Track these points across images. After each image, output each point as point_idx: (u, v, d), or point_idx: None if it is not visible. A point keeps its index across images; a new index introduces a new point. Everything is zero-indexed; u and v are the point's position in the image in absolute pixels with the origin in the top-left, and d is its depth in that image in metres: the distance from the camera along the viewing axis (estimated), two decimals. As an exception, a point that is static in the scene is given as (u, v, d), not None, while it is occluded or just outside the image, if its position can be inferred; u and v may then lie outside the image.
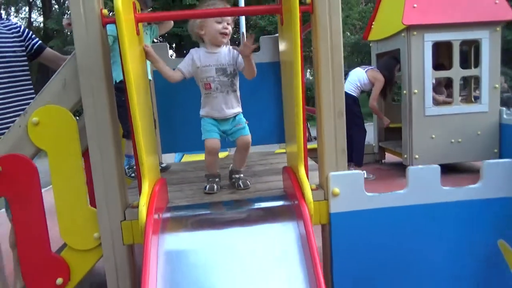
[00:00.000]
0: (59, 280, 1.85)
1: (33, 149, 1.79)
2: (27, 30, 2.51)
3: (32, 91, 2.45)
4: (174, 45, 15.65)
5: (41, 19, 22.08)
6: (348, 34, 15.10)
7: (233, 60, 1.91)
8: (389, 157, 4.77)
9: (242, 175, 2.04)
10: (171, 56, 2.81)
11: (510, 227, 1.93)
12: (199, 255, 1.55)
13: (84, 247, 1.84)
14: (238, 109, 2.02)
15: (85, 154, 1.80)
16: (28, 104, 1.96)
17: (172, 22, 2.58)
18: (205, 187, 1.98)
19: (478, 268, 1.95)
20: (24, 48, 2.45)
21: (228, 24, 1.84)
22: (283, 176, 1.96)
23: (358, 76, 4.36)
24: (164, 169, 2.46)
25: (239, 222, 1.69)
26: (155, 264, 1.46)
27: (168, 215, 1.71)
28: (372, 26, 4.67)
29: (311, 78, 15.58)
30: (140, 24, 1.75)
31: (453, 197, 1.88)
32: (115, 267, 1.78)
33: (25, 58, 2.44)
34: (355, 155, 4.40)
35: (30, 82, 2.46)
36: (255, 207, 1.78)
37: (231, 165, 2.10)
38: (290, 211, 1.71)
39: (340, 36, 1.75)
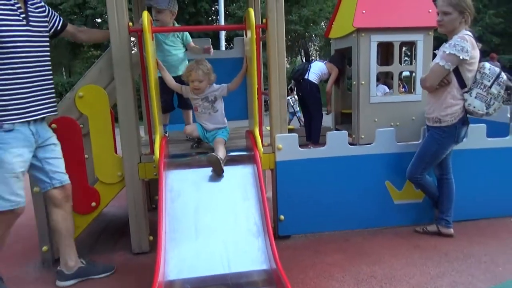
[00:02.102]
0: (93, 204, 2.88)
1: (78, 114, 2.82)
2: (49, 7, 2.55)
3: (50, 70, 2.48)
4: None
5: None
6: (323, 25, 16.29)
7: (217, 92, 2.87)
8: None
9: (219, 157, 2.59)
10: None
11: (393, 172, 3.11)
12: (189, 181, 2.62)
13: (111, 181, 2.89)
14: (220, 125, 2.92)
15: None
16: (47, 82, 2.42)
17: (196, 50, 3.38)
18: (191, 145, 3.05)
19: (373, 199, 3.12)
20: (47, 28, 2.49)
21: (199, 82, 2.77)
22: (245, 137, 3.04)
23: (320, 68, 5.56)
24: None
25: (216, 164, 2.76)
26: (164, 186, 2.51)
27: (170, 159, 2.76)
28: (332, 26, 5.74)
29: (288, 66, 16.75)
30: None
31: (355, 152, 3.03)
32: (133, 194, 2.85)
33: (48, 37, 2.49)
34: (313, 135, 5.60)
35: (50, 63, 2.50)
36: (229, 155, 2.83)
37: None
38: (249, 158, 2.79)
39: (283, 44, 2.85)
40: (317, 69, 5.53)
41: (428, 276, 2.47)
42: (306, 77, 5.48)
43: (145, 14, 2.56)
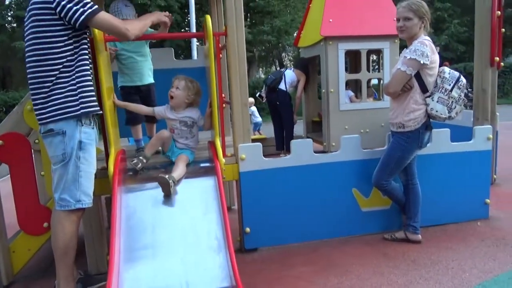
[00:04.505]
0: (45, 224, 2.69)
1: (28, 129, 2.63)
2: None
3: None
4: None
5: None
6: (295, 35, 16.44)
7: (195, 118, 2.77)
8: (315, 146, 5.85)
9: (172, 181, 2.41)
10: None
11: (360, 180, 3.04)
12: (146, 196, 2.47)
13: (65, 199, 2.69)
14: (190, 147, 2.78)
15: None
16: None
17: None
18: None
19: (340, 207, 3.03)
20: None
21: (176, 88, 2.68)
22: (208, 148, 2.92)
23: (290, 76, 5.61)
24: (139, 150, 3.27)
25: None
26: (119, 203, 2.35)
27: (125, 174, 2.60)
28: (301, 35, 5.73)
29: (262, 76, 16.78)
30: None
31: (321, 160, 2.95)
32: (88, 212, 2.65)
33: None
34: (286, 143, 5.56)
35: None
36: (189, 167, 2.70)
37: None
38: (210, 170, 2.67)
39: (243, 51, 2.76)
40: (288, 78, 5.58)
41: (396, 285, 2.39)
42: (280, 86, 5.52)
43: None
